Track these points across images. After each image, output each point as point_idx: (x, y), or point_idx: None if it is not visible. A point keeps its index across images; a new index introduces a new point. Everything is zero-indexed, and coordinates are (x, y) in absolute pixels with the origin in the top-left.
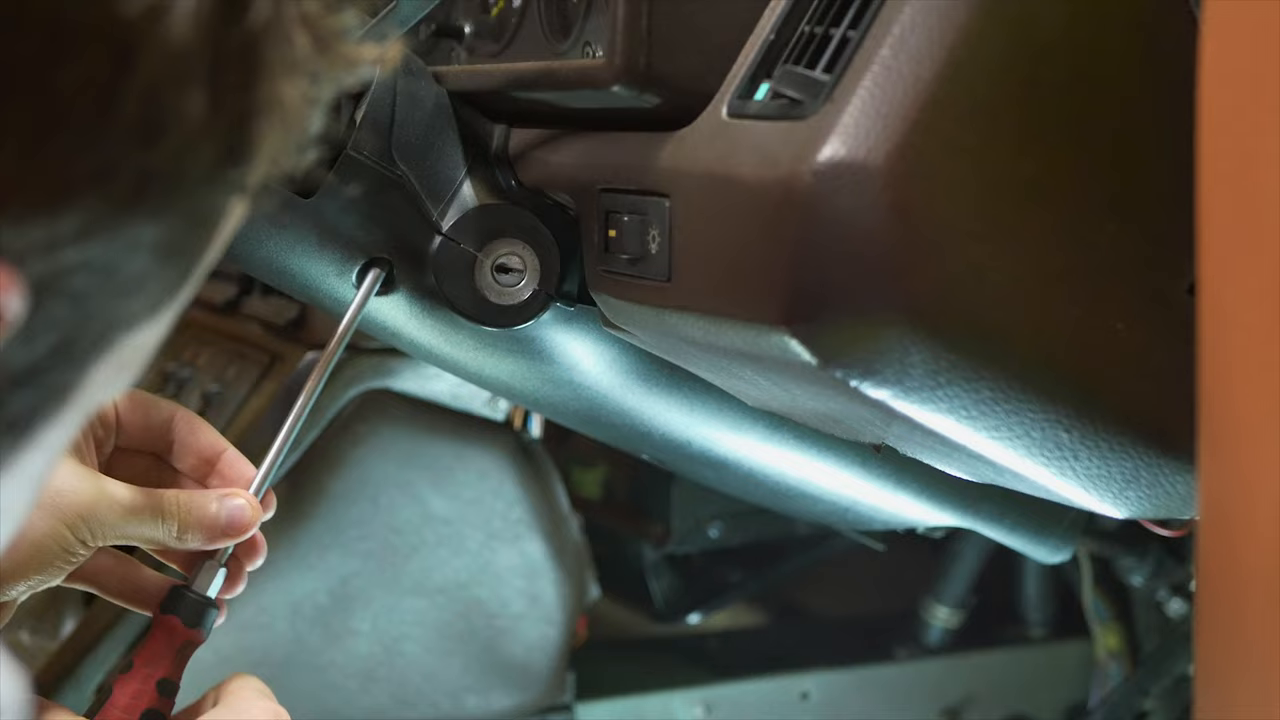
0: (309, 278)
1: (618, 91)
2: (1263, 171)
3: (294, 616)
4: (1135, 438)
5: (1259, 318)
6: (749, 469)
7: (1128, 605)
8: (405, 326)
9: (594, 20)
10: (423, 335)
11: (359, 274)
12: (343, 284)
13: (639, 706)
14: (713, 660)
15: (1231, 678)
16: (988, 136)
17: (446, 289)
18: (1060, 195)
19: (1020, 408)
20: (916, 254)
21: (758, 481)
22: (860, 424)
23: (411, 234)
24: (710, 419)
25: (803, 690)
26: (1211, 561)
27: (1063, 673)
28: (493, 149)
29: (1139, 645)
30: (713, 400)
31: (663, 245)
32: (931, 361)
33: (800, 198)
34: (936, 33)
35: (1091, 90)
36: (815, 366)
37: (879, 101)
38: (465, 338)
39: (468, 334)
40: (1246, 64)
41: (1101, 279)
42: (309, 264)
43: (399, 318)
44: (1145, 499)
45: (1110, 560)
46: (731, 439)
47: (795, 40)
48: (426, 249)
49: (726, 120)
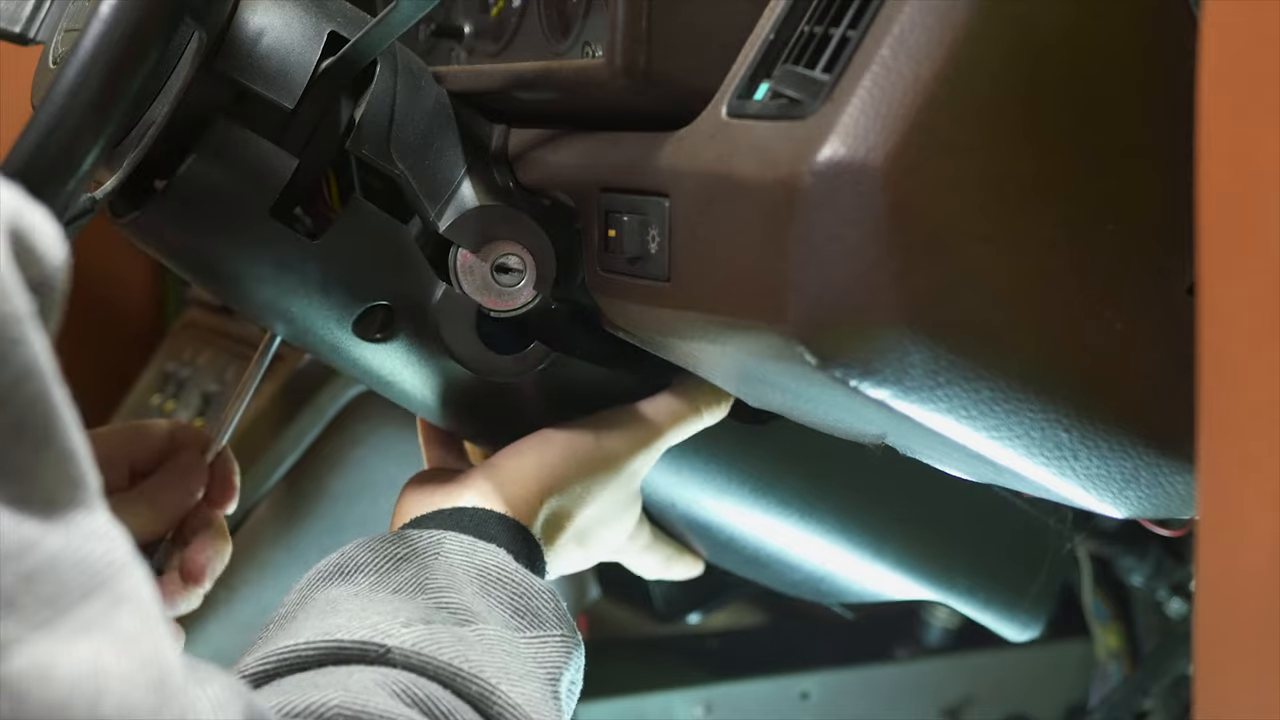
0: (308, 322)
1: (617, 91)
2: (1263, 171)
3: None
4: (1135, 438)
5: (1259, 318)
6: (729, 535)
7: (1128, 605)
8: (398, 374)
9: (594, 20)
10: (416, 384)
11: (359, 320)
12: (342, 330)
13: (639, 706)
14: (713, 660)
15: (1231, 678)
16: (988, 136)
17: (448, 338)
18: (1060, 195)
19: (1020, 408)
20: (916, 254)
21: (737, 549)
22: (859, 424)
23: (415, 281)
24: (693, 485)
25: (803, 690)
26: (1211, 561)
27: (1063, 673)
28: (492, 149)
29: (1139, 645)
30: (698, 466)
31: (662, 245)
32: (931, 361)
33: (800, 197)
34: (936, 32)
35: (1091, 90)
36: (815, 366)
37: (879, 101)
38: (461, 388)
39: (464, 385)
40: (1246, 64)
41: (1101, 279)
42: (309, 308)
43: (394, 365)
44: (1145, 499)
45: (1110, 560)
46: (713, 505)
47: (795, 40)
48: (430, 297)
49: (726, 120)
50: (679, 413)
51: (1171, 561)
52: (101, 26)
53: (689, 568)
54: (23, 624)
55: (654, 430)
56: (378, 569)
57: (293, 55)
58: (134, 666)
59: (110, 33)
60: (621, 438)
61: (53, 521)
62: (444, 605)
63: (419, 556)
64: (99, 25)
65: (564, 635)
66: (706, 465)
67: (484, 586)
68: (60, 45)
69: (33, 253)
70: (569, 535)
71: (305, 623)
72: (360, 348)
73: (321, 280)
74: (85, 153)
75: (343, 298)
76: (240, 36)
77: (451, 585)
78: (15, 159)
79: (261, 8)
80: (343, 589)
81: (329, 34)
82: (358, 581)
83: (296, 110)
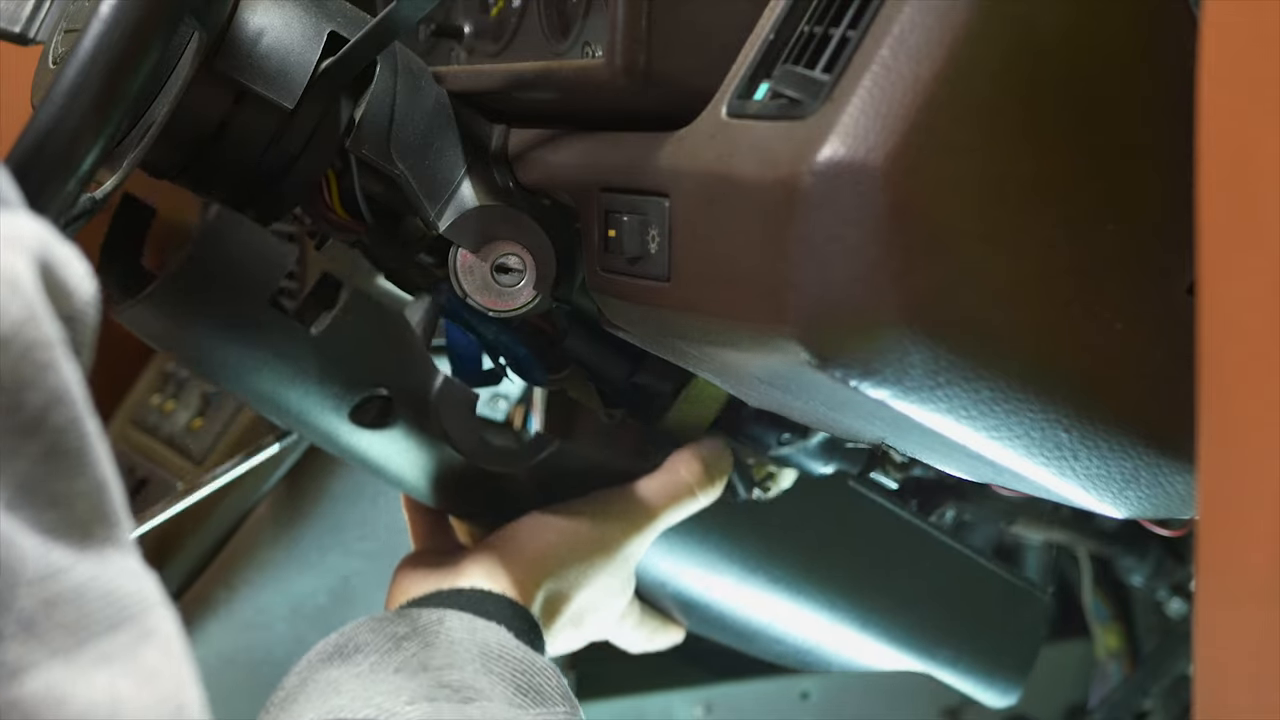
0: (304, 409)
1: (617, 91)
2: (1263, 171)
3: (294, 616)
4: (1135, 437)
5: (1259, 318)
6: (719, 611)
7: (1128, 605)
8: (393, 460)
9: (594, 20)
10: (411, 469)
11: (356, 408)
12: (338, 418)
13: (639, 706)
14: (713, 660)
15: (1231, 678)
16: (988, 136)
17: (450, 429)
18: (1060, 195)
19: (1020, 408)
20: (916, 254)
21: (725, 623)
22: (859, 424)
23: (414, 369)
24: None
25: (803, 690)
26: (1211, 561)
27: (1063, 673)
28: (492, 149)
29: (1139, 645)
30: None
31: (662, 245)
32: (931, 361)
33: (800, 197)
34: (936, 32)
35: (1091, 90)
36: (815, 366)
37: (879, 101)
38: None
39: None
40: (1246, 64)
41: (1101, 279)
42: (306, 398)
43: (390, 451)
44: (1145, 499)
45: (1110, 560)
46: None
47: (795, 40)
48: (428, 385)
49: (726, 120)
50: (675, 494)
51: (1171, 561)
52: (101, 26)
53: (673, 637)
54: (41, 649)
55: (650, 513)
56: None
57: (293, 55)
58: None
59: (110, 33)
60: (619, 522)
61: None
62: (447, 683)
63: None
64: (99, 25)
65: (567, 712)
66: (699, 544)
67: (486, 664)
68: (60, 45)
69: (63, 287)
70: (566, 618)
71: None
72: (356, 435)
73: (320, 371)
74: (85, 153)
75: (341, 387)
76: (240, 36)
77: (454, 663)
78: (15, 159)
79: (261, 8)
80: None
81: (329, 34)
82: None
83: (296, 110)
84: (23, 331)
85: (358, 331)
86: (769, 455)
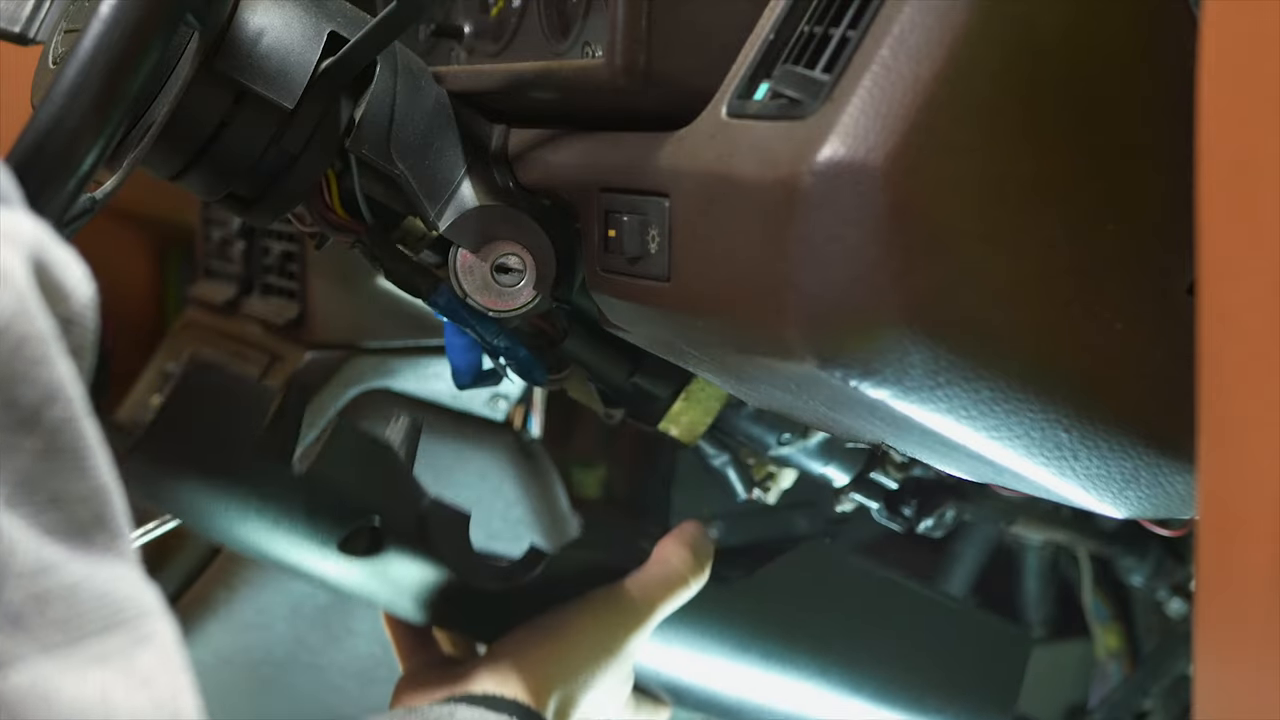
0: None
1: (617, 91)
2: (1263, 171)
3: (294, 616)
4: (1135, 437)
5: (1259, 318)
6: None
7: (1128, 605)
8: (384, 586)
9: (594, 20)
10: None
11: (345, 540)
12: (327, 550)
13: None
14: None
15: (1231, 678)
16: (988, 136)
17: (442, 551)
18: (1060, 195)
19: (1020, 408)
20: (916, 254)
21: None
22: (859, 424)
23: (402, 497)
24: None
25: None
26: (1211, 561)
27: (1063, 673)
28: (492, 149)
29: (1139, 645)
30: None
31: (662, 245)
32: (931, 361)
33: (800, 197)
34: (936, 33)
35: (1091, 90)
36: (815, 366)
37: (878, 101)
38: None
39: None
40: (1246, 64)
41: (1101, 279)
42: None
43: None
44: (1145, 499)
45: (1110, 560)
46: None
47: (795, 40)
48: (417, 507)
49: (726, 120)
50: (669, 585)
51: (1171, 561)
52: (101, 26)
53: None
54: (30, 643)
55: (648, 608)
56: None
57: (293, 55)
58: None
59: (110, 33)
60: (620, 622)
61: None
62: None
63: None
64: (99, 25)
65: None
66: (691, 630)
67: None
68: (60, 45)
69: (60, 289)
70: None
71: None
72: (346, 566)
73: (307, 509)
74: (85, 153)
75: (329, 522)
76: (240, 36)
77: None
78: (15, 159)
79: (261, 8)
80: None
81: (329, 34)
82: None
83: (296, 110)
84: (14, 325)
85: (342, 468)
86: (769, 455)
